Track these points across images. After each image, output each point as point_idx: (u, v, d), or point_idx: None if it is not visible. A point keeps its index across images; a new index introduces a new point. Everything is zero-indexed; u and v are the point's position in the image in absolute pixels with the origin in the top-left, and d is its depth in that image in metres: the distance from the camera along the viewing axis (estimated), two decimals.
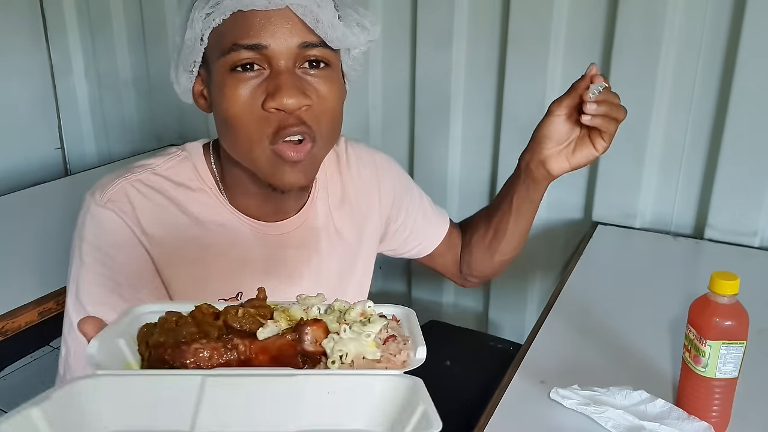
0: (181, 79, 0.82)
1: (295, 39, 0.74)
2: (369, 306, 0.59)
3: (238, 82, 0.75)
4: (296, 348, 0.52)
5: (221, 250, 0.85)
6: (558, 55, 1.68)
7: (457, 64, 1.83)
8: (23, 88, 2.50)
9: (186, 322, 0.54)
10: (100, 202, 0.79)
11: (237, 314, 0.56)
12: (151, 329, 0.55)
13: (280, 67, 0.75)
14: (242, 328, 0.55)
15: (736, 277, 0.82)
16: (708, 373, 0.85)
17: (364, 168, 1.01)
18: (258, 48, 0.74)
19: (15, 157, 2.46)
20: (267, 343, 0.52)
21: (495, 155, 1.87)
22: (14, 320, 1.32)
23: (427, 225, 1.10)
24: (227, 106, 0.76)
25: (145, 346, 0.54)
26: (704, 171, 1.61)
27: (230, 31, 0.74)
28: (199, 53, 0.78)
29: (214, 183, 0.86)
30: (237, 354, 0.52)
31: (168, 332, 0.53)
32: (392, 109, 1.99)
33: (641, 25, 1.54)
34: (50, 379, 0.87)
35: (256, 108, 0.75)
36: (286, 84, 0.74)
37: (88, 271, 0.79)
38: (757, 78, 1.45)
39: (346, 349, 0.52)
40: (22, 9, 2.46)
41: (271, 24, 0.73)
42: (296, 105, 0.74)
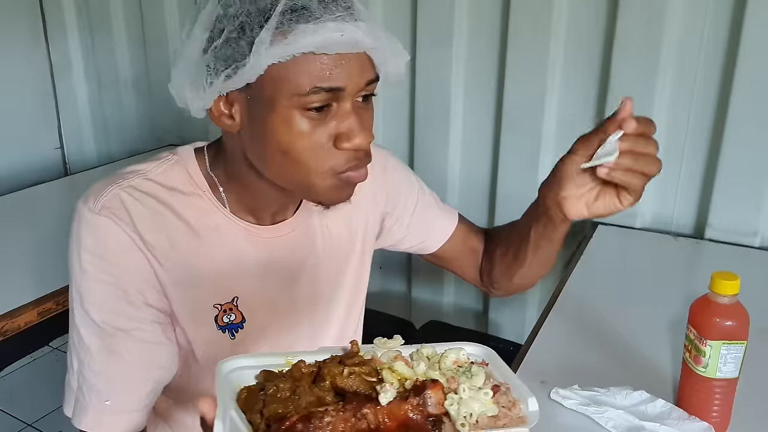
0: (206, 98, 0.77)
1: (364, 78, 0.77)
2: (463, 353, 0.60)
3: (309, 121, 0.75)
4: (423, 412, 0.52)
5: (215, 254, 0.84)
6: (558, 54, 1.68)
7: (457, 64, 1.83)
8: (23, 88, 2.50)
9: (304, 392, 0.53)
10: (95, 209, 0.78)
11: (343, 374, 0.55)
12: (253, 395, 0.54)
13: (347, 107, 0.76)
14: (351, 389, 0.55)
15: (736, 277, 0.82)
16: (708, 374, 0.85)
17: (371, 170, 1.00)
18: (337, 90, 0.74)
19: (15, 157, 2.47)
20: (392, 408, 0.52)
21: (495, 155, 1.87)
22: (14, 320, 1.32)
23: (428, 221, 1.07)
24: (293, 141, 0.75)
25: (258, 415, 0.52)
26: (704, 171, 1.61)
27: (307, 71, 0.72)
28: (248, 81, 0.74)
29: (207, 187, 0.85)
30: (367, 423, 0.51)
31: (285, 402, 0.53)
32: (392, 109, 1.99)
33: (641, 25, 1.54)
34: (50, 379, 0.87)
35: (327, 145, 0.76)
36: (358, 126, 0.76)
37: (91, 281, 0.78)
38: (758, 77, 1.45)
39: (469, 410, 0.52)
40: (21, 9, 2.46)
41: (348, 66, 0.74)
42: (367, 144, 0.78)
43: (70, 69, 2.62)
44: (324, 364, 0.57)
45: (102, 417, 0.80)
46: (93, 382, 0.79)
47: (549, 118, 1.74)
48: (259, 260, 0.87)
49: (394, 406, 0.52)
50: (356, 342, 0.61)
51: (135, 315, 0.79)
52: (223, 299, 0.85)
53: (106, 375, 0.79)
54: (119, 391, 0.80)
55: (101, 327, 0.78)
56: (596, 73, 1.67)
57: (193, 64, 0.77)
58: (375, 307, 1.05)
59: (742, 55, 1.45)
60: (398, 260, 2.12)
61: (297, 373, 0.56)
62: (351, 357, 0.58)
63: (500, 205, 1.88)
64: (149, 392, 0.82)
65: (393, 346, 0.61)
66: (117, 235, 0.78)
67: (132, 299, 0.79)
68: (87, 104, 2.68)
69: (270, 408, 0.52)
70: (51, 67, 2.57)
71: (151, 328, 0.81)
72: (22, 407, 2.22)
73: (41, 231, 1.66)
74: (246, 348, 0.88)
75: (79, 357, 0.80)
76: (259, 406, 0.53)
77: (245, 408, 0.54)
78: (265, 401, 0.53)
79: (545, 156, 1.77)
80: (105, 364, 0.79)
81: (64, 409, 0.83)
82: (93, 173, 2.31)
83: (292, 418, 0.50)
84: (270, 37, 0.71)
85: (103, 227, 0.78)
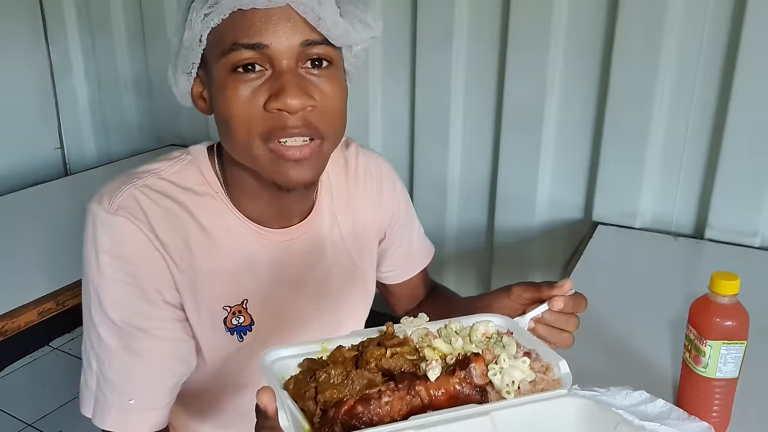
0: (180, 82, 0.81)
1: (296, 37, 0.73)
2: (491, 325, 0.65)
3: (239, 83, 0.74)
4: (469, 383, 0.55)
5: (226, 255, 0.84)
6: (558, 55, 1.68)
7: (457, 64, 1.83)
8: (23, 88, 2.50)
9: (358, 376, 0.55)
10: (110, 209, 0.77)
11: (387, 356, 0.58)
12: (302, 383, 0.56)
13: (282, 66, 0.73)
14: (398, 370, 0.57)
15: (736, 277, 0.82)
16: (708, 373, 0.85)
17: (371, 179, 0.99)
18: (259, 47, 0.72)
19: (15, 157, 2.47)
20: (441, 382, 0.55)
21: (495, 155, 1.87)
22: (14, 320, 1.32)
23: (410, 254, 1.06)
24: (228, 107, 0.75)
25: (311, 402, 0.54)
26: (704, 171, 1.61)
27: (230, 30, 0.73)
28: (198, 54, 0.76)
29: (220, 187, 0.85)
30: (420, 399, 0.54)
31: (339, 387, 0.54)
32: (392, 109, 1.99)
33: (641, 25, 1.54)
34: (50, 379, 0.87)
35: (257, 108, 0.74)
36: (290, 84, 0.73)
37: (109, 282, 0.77)
38: (758, 78, 1.45)
39: (511, 378, 0.56)
40: (22, 9, 2.46)
41: (272, 22, 0.72)
42: (300, 106, 0.73)
43: (70, 69, 2.62)
44: (364, 347, 0.59)
45: (126, 416, 0.79)
46: (114, 381, 0.79)
47: (549, 118, 1.74)
48: (270, 263, 0.87)
49: (442, 380, 0.55)
50: (391, 324, 0.62)
51: (154, 313, 0.79)
52: (232, 301, 0.85)
53: (127, 374, 0.79)
54: (142, 390, 0.79)
55: (120, 327, 0.77)
56: (596, 73, 1.67)
57: (171, 50, 0.80)
58: (375, 308, 1.05)
59: (742, 54, 1.45)
60: None
61: (340, 358, 0.58)
62: (389, 338, 0.60)
63: (500, 205, 1.88)
64: (171, 389, 0.82)
65: (420, 324, 0.64)
66: (134, 234, 0.77)
67: (150, 298, 0.78)
68: (87, 104, 2.68)
69: (325, 394, 0.54)
70: (51, 68, 2.57)
71: (170, 325, 0.80)
72: (22, 407, 2.22)
73: (41, 231, 1.66)
74: (253, 351, 0.87)
75: (98, 357, 0.79)
76: (311, 394, 0.54)
77: (296, 397, 0.55)
78: (317, 388, 0.54)
79: (545, 156, 1.77)
80: (126, 363, 0.78)
81: (83, 410, 0.82)
82: (93, 173, 2.31)
83: (349, 401, 0.52)
84: (202, 5, 0.74)
85: (119, 227, 0.77)
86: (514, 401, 0.55)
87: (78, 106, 2.67)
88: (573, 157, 1.76)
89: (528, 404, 0.55)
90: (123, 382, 0.78)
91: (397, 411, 0.53)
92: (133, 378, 0.79)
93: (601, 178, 1.70)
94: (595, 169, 1.72)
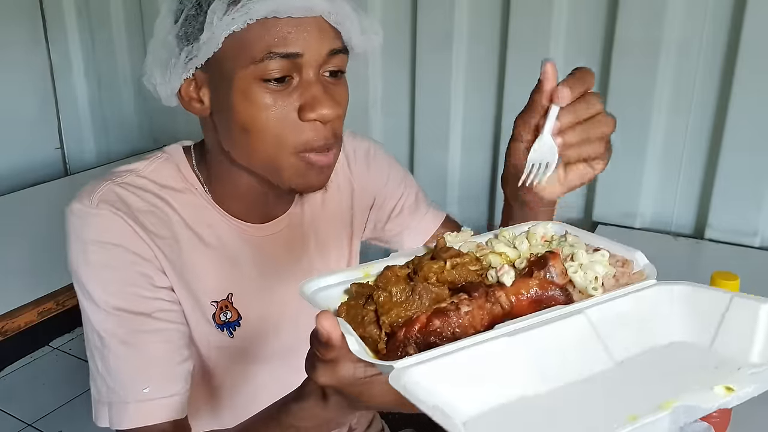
0: (171, 80, 0.77)
1: (325, 46, 0.73)
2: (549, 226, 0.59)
3: (269, 93, 0.72)
4: (550, 284, 0.50)
5: (210, 250, 0.83)
6: (558, 55, 1.68)
7: (457, 65, 1.83)
8: (23, 88, 2.50)
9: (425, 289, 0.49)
10: (92, 205, 0.76)
11: (447, 268, 0.52)
12: (356, 309, 0.50)
13: (311, 76, 0.73)
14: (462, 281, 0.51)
15: (736, 277, 0.82)
16: None
17: (354, 163, 0.99)
18: (294, 56, 0.71)
19: (15, 157, 2.46)
20: (519, 286, 0.49)
21: (495, 155, 1.87)
22: (14, 320, 1.32)
23: (411, 221, 1.03)
24: (254, 114, 0.73)
25: (373, 327, 0.49)
26: (704, 171, 1.61)
27: (261, 37, 0.71)
28: (207, 56, 0.73)
29: (199, 184, 0.84)
30: (501, 306, 0.48)
31: (404, 305, 0.48)
32: (392, 111, 1.99)
33: (641, 25, 1.54)
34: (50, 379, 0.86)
35: (290, 118, 0.73)
36: (323, 94, 0.73)
37: (101, 270, 0.76)
38: (758, 78, 1.45)
39: (594, 273, 0.51)
40: (22, 9, 2.46)
41: (304, 31, 0.71)
42: (333, 116, 0.74)
43: (70, 69, 2.62)
44: (417, 265, 0.53)
45: (144, 407, 0.75)
46: (124, 374, 0.76)
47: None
48: (254, 258, 0.87)
49: (520, 284, 0.49)
50: (443, 237, 0.57)
51: (151, 297, 0.77)
52: (219, 296, 0.84)
53: (135, 361, 0.76)
54: (154, 376, 0.76)
55: (120, 315, 0.75)
56: (596, 74, 1.66)
57: (160, 47, 0.77)
58: None
59: (742, 54, 1.45)
60: None
61: (392, 278, 0.52)
62: (444, 251, 0.54)
63: (500, 205, 1.87)
64: (185, 374, 0.79)
65: (465, 238, 0.58)
66: (119, 225, 0.76)
67: (144, 283, 0.77)
68: (87, 104, 2.68)
69: (391, 314, 0.48)
70: (51, 68, 2.57)
71: (170, 307, 0.79)
72: (22, 407, 2.22)
73: (41, 231, 1.66)
74: (245, 347, 0.87)
75: (102, 356, 0.76)
76: (371, 317, 0.49)
77: (353, 324, 0.49)
78: (377, 311, 0.49)
79: None
80: (132, 351, 0.76)
81: (99, 422, 0.78)
82: (93, 173, 2.31)
83: (421, 317, 0.47)
84: (224, 6, 0.70)
85: (103, 217, 0.76)
86: (606, 297, 0.49)
87: (78, 106, 2.67)
88: None
89: (621, 298, 0.49)
90: (133, 371, 0.76)
91: (480, 321, 0.47)
92: (142, 365, 0.76)
93: (600, 178, 1.70)
94: None
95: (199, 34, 0.72)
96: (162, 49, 0.76)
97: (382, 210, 1.02)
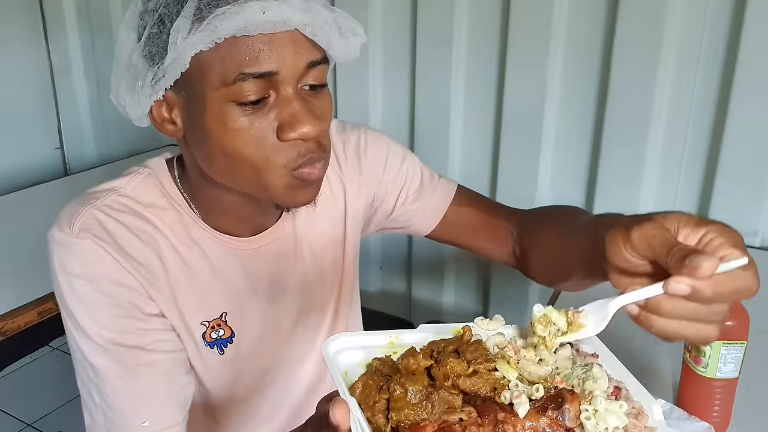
0: (141, 102, 0.72)
1: (302, 60, 0.69)
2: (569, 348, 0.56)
3: (245, 116, 0.68)
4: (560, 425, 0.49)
5: (199, 268, 0.80)
6: (558, 55, 1.68)
7: (457, 64, 1.83)
8: (23, 88, 2.50)
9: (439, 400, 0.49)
10: (72, 234, 0.73)
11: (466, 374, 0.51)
12: (371, 390, 0.50)
13: (288, 93, 0.69)
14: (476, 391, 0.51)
15: None
16: (708, 374, 0.85)
17: (345, 164, 0.94)
18: (269, 75, 0.67)
19: (15, 157, 2.46)
20: (530, 419, 0.49)
21: (495, 155, 1.87)
22: (14, 320, 1.32)
23: (420, 203, 0.97)
24: (232, 139, 0.69)
25: (382, 417, 0.49)
26: (704, 171, 1.61)
27: (231, 57, 0.66)
28: (174, 78, 0.68)
29: (183, 200, 0.80)
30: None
31: (417, 408, 0.49)
32: (392, 109, 1.99)
33: (641, 25, 1.54)
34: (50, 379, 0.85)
35: (270, 140, 0.69)
36: (303, 112, 0.69)
37: (90, 305, 0.73)
38: (758, 77, 1.45)
39: (605, 424, 0.49)
40: (21, 9, 2.46)
41: (278, 47, 0.67)
42: (315, 132, 0.70)
43: (70, 69, 2.62)
44: (439, 354, 0.53)
45: None
46: (122, 408, 0.74)
47: (549, 118, 1.74)
48: (245, 273, 0.84)
49: (531, 416, 0.49)
50: (470, 329, 0.55)
51: (145, 328, 0.75)
52: (210, 316, 0.82)
53: (133, 396, 0.74)
54: (153, 408, 0.75)
55: (114, 350, 0.73)
56: (596, 73, 1.67)
57: (125, 68, 0.72)
58: (375, 307, 1.04)
59: (742, 54, 1.45)
60: (398, 260, 2.12)
61: (413, 365, 0.52)
62: (473, 351, 0.53)
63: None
64: (183, 403, 0.78)
65: (494, 328, 0.57)
66: (101, 256, 0.73)
67: (136, 313, 0.75)
68: (87, 104, 2.68)
69: (401, 414, 0.49)
70: (51, 67, 2.57)
71: (165, 336, 0.77)
72: (22, 407, 2.22)
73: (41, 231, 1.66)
74: (237, 363, 0.84)
75: (98, 389, 0.74)
76: (382, 406, 0.50)
77: (363, 405, 0.50)
78: (390, 403, 0.49)
79: (545, 156, 1.77)
80: (130, 386, 0.74)
81: None
82: (93, 173, 2.31)
83: (427, 426, 0.47)
84: (188, 25, 0.65)
85: (84, 249, 0.73)
86: None
87: (78, 106, 2.66)
88: (573, 156, 1.76)
89: None
90: (131, 405, 0.74)
91: None
92: (140, 398, 0.74)
93: (601, 177, 1.70)
94: (595, 168, 1.72)
95: (164, 54, 0.67)
96: (127, 70, 0.72)
97: (385, 203, 0.97)
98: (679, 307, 0.49)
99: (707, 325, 0.50)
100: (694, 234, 0.51)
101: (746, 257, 0.49)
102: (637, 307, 0.51)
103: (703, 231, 0.51)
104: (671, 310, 0.49)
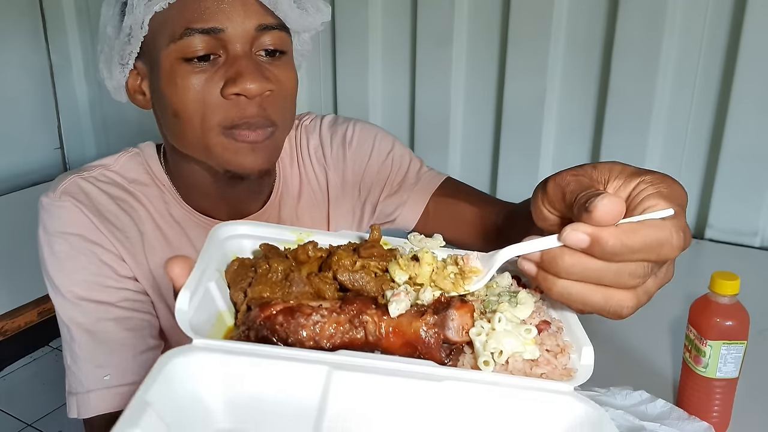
0: (114, 74, 0.76)
1: (252, 21, 0.70)
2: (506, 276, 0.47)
3: (192, 72, 0.70)
4: (439, 335, 0.41)
5: (180, 247, 0.82)
6: (558, 55, 1.68)
7: (457, 64, 1.83)
8: (23, 88, 2.50)
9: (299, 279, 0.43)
10: (54, 197, 0.77)
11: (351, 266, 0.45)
12: (244, 270, 0.45)
13: (237, 51, 0.70)
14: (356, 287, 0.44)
15: (736, 277, 0.82)
16: (708, 374, 0.85)
17: (330, 155, 0.94)
18: (214, 32, 0.69)
19: (15, 157, 2.47)
20: (401, 321, 0.41)
21: (495, 154, 1.87)
22: (14, 320, 1.32)
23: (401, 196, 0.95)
24: (180, 98, 0.70)
25: (242, 294, 0.44)
26: (704, 171, 1.61)
27: (180, 14, 0.69)
28: (138, 42, 0.72)
29: (167, 180, 0.83)
30: (364, 333, 0.41)
31: (273, 285, 0.43)
32: (392, 109, 1.99)
33: (641, 25, 1.54)
34: (50, 379, 0.86)
35: (213, 96, 0.70)
36: (248, 68, 0.69)
37: (66, 261, 0.75)
38: (758, 78, 1.45)
39: (500, 346, 0.40)
40: (21, 9, 2.46)
41: (226, 5, 0.69)
42: (259, 90, 0.70)
43: (70, 69, 2.62)
44: (336, 250, 0.47)
45: (104, 394, 0.75)
46: (85, 360, 0.76)
47: (549, 117, 1.74)
48: None
49: (404, 319, 0.41)
50: (378, 227, 0.49)
51: (117, 287, 0.77)
52: None
53: (97, 349, 0.76)
54: (115, 362, 0.76)
55: (83, 305, 0.76)
56: (596, 73, 1.67)
57: (103, 42, 0.77)
58: None
59: (741, 55, 1.45)
60: None
61: (302, 256, 0.46)
62: (369, 247, 0.47)
63: None
64: (149, 364, 0.76)
65: (432, 246, 0.49)
66: (79, 216, 0.76)
67: (108, 273, 0.77)
68: (87, 104, 2.68)
69: (255, 289, 0.43)
70: (51, 67, 2.57)
71: (136, 297, 0.79)
72: (22, 407, 2.22)
73: None
74: None
75: (70, 347, 0.77)
76: (245, 284, 0.44)
77: (231, 282, 0.45)
78: (252, 279, 0.44)
79: (545, 155, 1.77)
80: (95, 339, 0.76)
81: (69, 413, 0.78)
82: None
83: (275, 305, 0.41)
84: None
85: (64, 210, 0.77)
86: (487, 377, 0.39)
87: (78, 106, 2.67)
88: (573, 156, 1.76)
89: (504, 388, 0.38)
90: (94, 357, 0.76)
91: (327, 337, 0.41)
92: (103, 351, 0.76)
93: None
94: None
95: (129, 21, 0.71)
96: (105, 43, 0.76)
97: (371, 194, 0.95)
98: (580, 263, 0.40)
99: (619, 292, 0.41)
100: (625, 186, 0.44)
101: (671, 209, 0.40)
102: (535, 266, 0.42)
103: (636, 182, 0.43)
104: (570, 267, 0.40)
